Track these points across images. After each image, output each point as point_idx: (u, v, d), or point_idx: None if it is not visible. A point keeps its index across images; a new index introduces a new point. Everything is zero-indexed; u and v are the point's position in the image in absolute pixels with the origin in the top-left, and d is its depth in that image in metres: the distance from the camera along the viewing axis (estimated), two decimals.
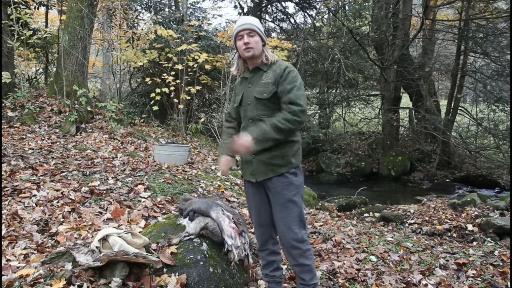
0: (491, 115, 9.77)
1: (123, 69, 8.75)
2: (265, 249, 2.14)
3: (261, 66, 1.99)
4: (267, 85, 1.92)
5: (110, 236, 2.03)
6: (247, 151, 1.83)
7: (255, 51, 1.94)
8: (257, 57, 1.97)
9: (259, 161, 1.96)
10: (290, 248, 1.96)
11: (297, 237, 1.94)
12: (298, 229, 1.94)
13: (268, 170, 1.94)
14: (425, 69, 9.89)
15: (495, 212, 4.58)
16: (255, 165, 1.98)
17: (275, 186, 1.93)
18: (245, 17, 2.02)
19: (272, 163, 1.93)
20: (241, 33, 1.95)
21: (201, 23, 9.40)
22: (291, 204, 1.93)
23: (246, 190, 2.14)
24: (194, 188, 4.02)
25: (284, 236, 1.96)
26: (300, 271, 1.99)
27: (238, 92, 2.10)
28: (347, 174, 9.71)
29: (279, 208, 1.95)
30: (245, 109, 2.02)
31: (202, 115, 10.36)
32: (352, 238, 3.52)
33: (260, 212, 2.07)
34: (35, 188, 3.15)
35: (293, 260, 1.98)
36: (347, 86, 12.12)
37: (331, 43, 11.31)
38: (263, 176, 1.96)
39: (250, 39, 1.93)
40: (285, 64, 1.96)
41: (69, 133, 5.61)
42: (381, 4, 9.62)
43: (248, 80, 2.03)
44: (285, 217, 1.94)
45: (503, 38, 8.42)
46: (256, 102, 1.95)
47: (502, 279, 2.64)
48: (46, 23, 9.63)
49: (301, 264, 1.97)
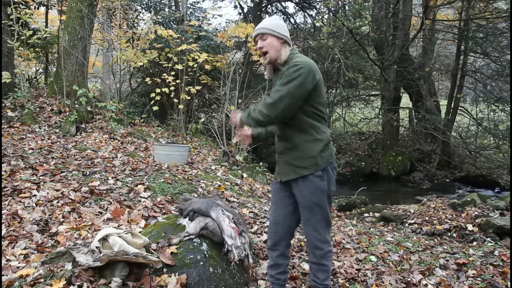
0: (491, 115, 9.76)
1: (123, 69, 8.75)
2: (276, 249, 2.09)
3: (279, 67, 1.98)
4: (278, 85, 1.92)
5: (110, 236, 2.03)
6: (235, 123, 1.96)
7: (270, 55, 1.94)
8: (275, 60, 1.96)
9: (284, 161, 1.97)
10: (313, 248, 1.98)
11: (321, 237, 1.95)
12: (323, 230, 1.96)
13: (291, 171, 1.93)
14: (425, 69, 9.89)
15: (495, 212, 4.58)
16: (280, 165, 2.00)
17: (300, 188, 1.92)
18: (261, 23, 2.01)
19: (295, 164, 1.91)
20: (256, 38, 1.98)
21: (201, 23, 9.40)
22: (316, 207, 1.92)
23: (272, 186, 2.14)
24: (194, 188, 4.02)
25: (308, 237, 1.99)
26: (317, 270, 2.00)
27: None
28: (347, 174, 9.70)
29: (304, 210, 1.95)
30: None
31: (202, 115, 10.37)
32: (352, 238, 3.52)
33: (278, 211, 2.07)
34: (35, 188, 3.15)
35: (314, 259, 2.00)
36: (347, 86, 12.12)
37: (331, 43, 11.31)
38: (286, 177, 1.96)
39: (262, 42, 1.94)
40: (296, 59, 1.88)
41: (69, 133, 5.61)
42: (381, 4, 9.62)
43: (272, 82, 2.07)
44: (310, 220, 1.95)
45: (503, 38, 8.42)
46: None
47: (502, 279, 2.64)
48: (46, 23, 9.63)
49: (320, 264, 1.99)
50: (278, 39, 1.94)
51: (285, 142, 1.96)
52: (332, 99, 12.00)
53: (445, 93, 14.44)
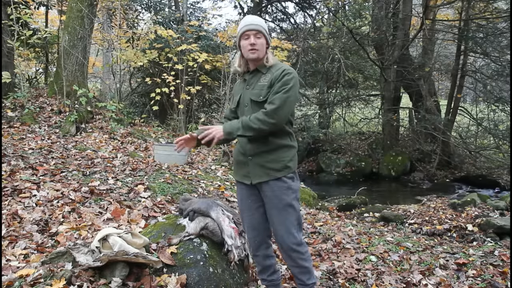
0: (491, 115, 9.76)
1: (123, 69, 8.75)
2: (259, 254, 2.10)
3: (260, 68, 1.96)
4: (263, 88, 1.90)
5: (110, 236, 2.03)
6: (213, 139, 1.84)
7: (259, 54, 1.91)
8: (260, 60, 1.95)
9: (255, 163, 1.93)
10: (290, 251, 1.94)
11: (297, 240, 1.92)
12: (297, 233, 1.93)
13: (264, 174, 1.91)
14: (425, 69, 9.88)
15: (495, 212, 4.58)
16: (251, 167, 1.95)
17: (273, 190, 1.90)
18: (252, 17, 1.97)
19: (268, 166, 1.90)
20: (247, 32, 1.90)
21: (201, 23, 9.40)
22: (290, 208, 1.91)
23: (239, 192, 2.08)
24: (194, 188, 4.02)
25: (283, 240, 1.93)
26: (299, 273, 1.98)
27: (236, 93, 2.08)
28: (347, 174, 9.71)
29: (277, 212, 1.92)
30: (242, 111, 1.99)
31: (202, 115, 10.36)
32: (352, 238, 3.52)
33: (254, 215, 2.03)
34: (35, 188, 3.15)
35: (292, 262, 1.96)
36: (347, 86, 12.11)
37: (331, 43, 11.30)
38: (258, 179, 1.93)
39: (256, 40, 1.90)
40: (285, 67, 1.92)
41: (69, 133, 5.61)
42: (381, 4, 9.62)
43: (246, 82, 2.01)
44: (284, 221, 1.91)
45: (503, 38, 8.41)
46: (253, 105, 1.93)
47: (502, 279, 2.64)
48: (46, 23, 9.63)
49: (300, 266, 1.96)
50: (267, 43, 1.95)
51: (259, 145, 1.91)
52: (332, 99, 11.99)
53: (445, 93, 14.44)
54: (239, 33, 1.95)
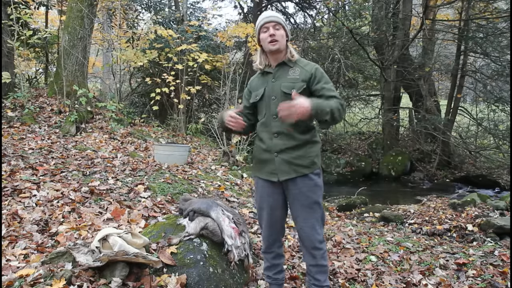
0: (491, 115, 9.76)
1: (123, 69, 8.75)
2: (271, 252, 2.09)
3: (287, 62, 1.95)
4: (296, 81, 1.89)
5: (110, 236, 2.03)
6: (300, 116, 1.68)
7: (280, 45, 1.90)
8: (281, 52, 1.94)
9: (282, 160, 1.89)
10: (312, 249, 1.92)
11: (320, 238, 1.92)
12: (320, 230, 1.93)
13: (292, 170, 1.88)
14: (425, 69, 9.89)
15: (495, 212, 4.58)
16: (278, 164, 1.91)
17: (299, 187, 1.88)
18: (270, 11, 1.98)
19: (296, 163, 1.88)
20: (266, 25, 1.90)
21: (201, 23, 9.40)
22: (316, 205, 1.90)
23: (261, 189, 2.03)
24: (194, 188, 4.02)
25: (307, 237, 1.91)
26: (317, 272, 1.95)
27: (256, 88, 2.02)
28: (347, 174, 9.70)
29: (303, 209, 1.90)
30: (268, 104, 1.95)
31: (202, 115, 10.37)
32: (352, 238, 3.52)
33: (273, 214, 2.01)
34: (35, 188, 3.15)
35: (313, 261, 1.94)
36: (347, 86, 12.12)
37: (331, 43, 11.30)
38: (286, 176, 1.89)
39: (276, 31, 1.89)
40: (313, 63, 1.96)
41: (69, 133, 5.61)
42: (381, 4, 9.62)
43: (272, 74, 1.97)
44: (310, 218, 1.90)
45: (503, 38, 8.41)
46: (284, 97, 1.88)
47: (502, 279, 2.64)
48: (46, 23, 9.63)
49: (319, 265, 1.94)
50: (287, 36, 1.95)
51: (285, 141, 1.89)
52: None
53: (445, 93, 14.43)
54: (257, 27, 1.95)
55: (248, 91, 2.09)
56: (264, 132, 1.97)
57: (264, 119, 1.97)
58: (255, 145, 2.05)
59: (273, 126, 1.92)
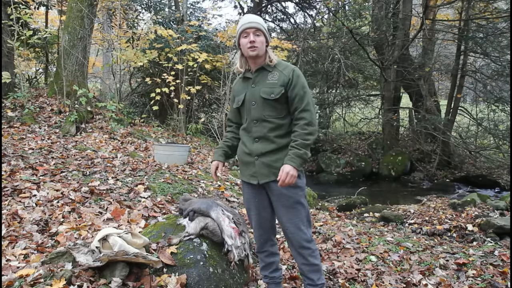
0: (491, 115, 9.76)
1: (123, 69, 8.75)
2: (264, 251, 2.14)
3: (265, 67, 1.97)
4: (274, 86, 1.91)
5: (110, 236, 2.03)
6: (295, 177, 1.83)
7: (259, 51, 1.92)
8: (260, 57, 1.96)
9: (262, 163, 1.94)
10: (300, 249, 1.96)
11: (307, 237, 1.94)
12: (306, 229, 1.95)
13: (271, 173, 1.92)
14: (425, 69, 9.89)
15: (495, 212, 4.58)
16: (258, 167, 1.95)
17: (279, 189, 1.90)
18: (252, 15, 1.99)
19: (275, 166, 1.91)
20: (247, 30, 1.92)
21: (201, 23, 9.39)
22: (299, 205, 1.93)
23: (245, 192, 2.10)
24: (194, 188, 4.02)
25: (293, 237, 1.95)
26: (309, 271, 1.98)
27: (238, 93, 2.06)
28: (347, 174, 9.71)
29: (286, 210, 1.93)
30: (249, 109, 1.98)
31: (202, 115, 10.37)
32: (352, 238, 3.52)
33: (260, 214, 2.06)
34: (35, 188, 3.15)
35: (302, 260, 1.97)
36: (347, 86, 12.12)
37: (331, 43, 11.30)
38: (265, 179, 1.94)
39: (256, 38, 1.90)
40: (292, 66, 1.97)
41: (69, 133, 5.61)
42: (381, 4, 9.62)
43: (251, 80, 1.99)
44: (293, 219, 1.93)
45: (503, 38, 8.41)
46: (263, 103, 1.93)
47: (502, 279, 2.64)
48: (46, 23, 9.63)
49: (310, 264, 1.97)
50: (266, 41, 1.97)
51: (265, 145, 1.93)
52: (332, 99, 11.99)
53: (445, 93, 14.43)
54: (238, 31, 1.96)
55: (232, 96, 2.14)
56: (246, 136, 2.02)
57: (245, 125, 2.02)
58: (239, 148, 2.10)
59: (254, 131, 1.97)
